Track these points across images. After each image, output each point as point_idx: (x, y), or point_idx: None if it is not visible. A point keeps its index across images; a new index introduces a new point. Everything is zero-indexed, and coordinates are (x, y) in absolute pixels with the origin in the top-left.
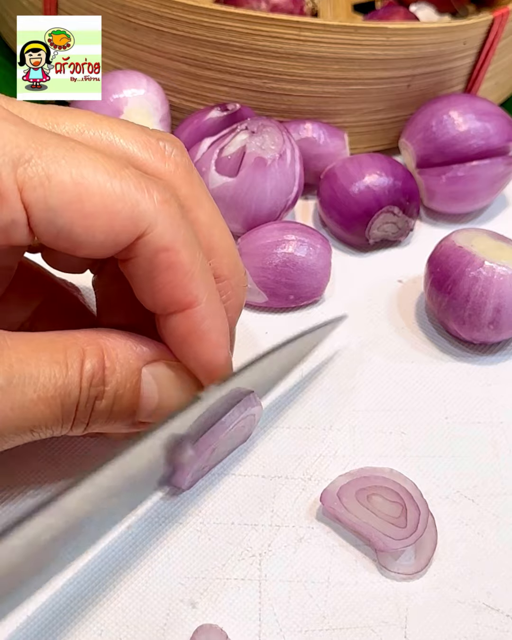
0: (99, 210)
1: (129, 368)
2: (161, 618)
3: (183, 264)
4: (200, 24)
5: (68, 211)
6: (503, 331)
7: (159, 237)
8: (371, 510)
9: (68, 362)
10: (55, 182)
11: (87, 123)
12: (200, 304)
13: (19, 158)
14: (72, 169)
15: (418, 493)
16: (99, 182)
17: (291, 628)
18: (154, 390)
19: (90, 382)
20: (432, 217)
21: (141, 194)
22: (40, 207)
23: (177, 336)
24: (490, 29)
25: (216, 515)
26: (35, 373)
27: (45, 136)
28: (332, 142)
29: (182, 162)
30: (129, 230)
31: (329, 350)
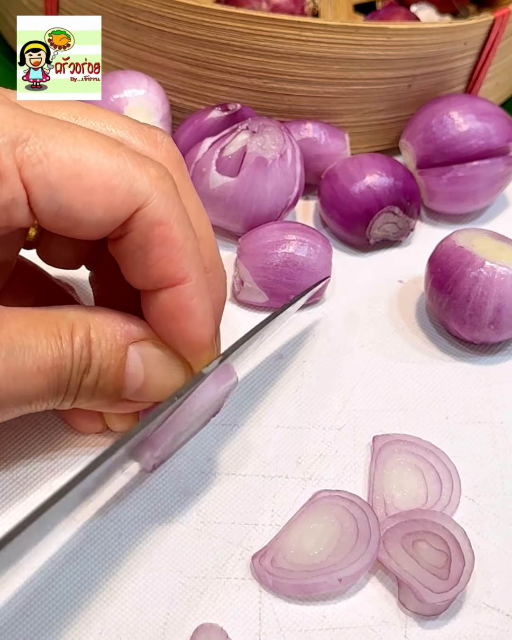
0: (97, 185)
1: (115, 344)
2: (161, 618)
3: (177, 239)
4: (201, 24)
5: (67, 187)
6: (504, 331)
7: (154, 211)
8: (414, 558)
9: (61, 334)
10: (54, 159)
11: (81, 110)
12: (191, 281)
13: (17, 137)
14: (70, 146)
15: (467, 543)
16: (96, 158)
17: (291, 627)
18: (139, 368)
19: (80, 355)
20: (432, 218)
21: (138, 169)
22: (39, 184)
23: (164, 312)
24: (491, 29)
25: (216, 515)
26: (34, 344)
27: (41, 117)
28: (333, 143)
29: (173, 150)
30: (127, 205)
31: (329, 350)
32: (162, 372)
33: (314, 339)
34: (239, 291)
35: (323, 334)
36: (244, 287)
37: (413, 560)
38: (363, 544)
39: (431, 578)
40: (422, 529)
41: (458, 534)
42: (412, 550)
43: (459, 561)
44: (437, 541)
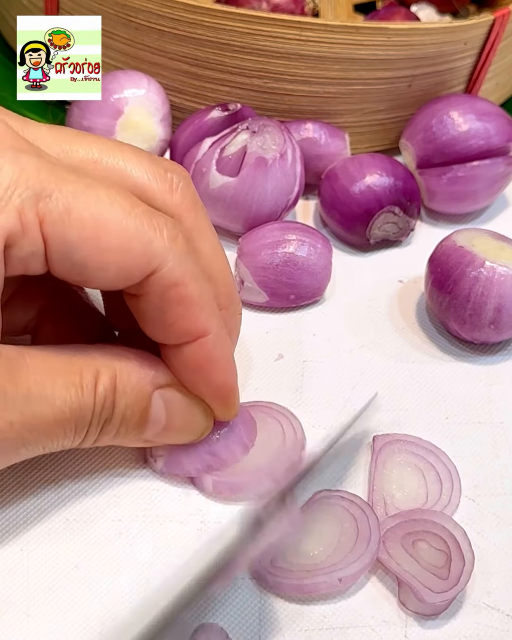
0: (113, 246)
1: (140, 391)
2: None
3: (193, 296)
4: (202, 24)
5: (85, 246)
6: (504, 331)
7: (170, 274)
8: (414, 558)
9: (83, 384)
10: (74, 218)
11: (100, 151)
12: (211, 333)
13: (41, 192)
14: (91, 206)
15: (467, 543)
16: (115, 220)
17: (291, 627)
18: (162, 414)
19: (102, 405)
20: (432, 218)
21: (153, 232)
22: (58, 241)
23: (188, 364)
24: (491, 29)
25: (216, 515)
26: (52, 395)
27: (64, 172)
28: (333, 143)
29: (188, 193)
30: (142, 267)
31: (329, 350)
32: (184, 417)
33: (314, 338)
34: (239, 291)
35: (323, 334)
36: (244, 287)
37: (413, 560)
38: (363, 544)
39: (431, 578)
40: (422, 529)
41: (458, 534)
42: (412, 550)
43: (459, 561)
44: (437, 541)
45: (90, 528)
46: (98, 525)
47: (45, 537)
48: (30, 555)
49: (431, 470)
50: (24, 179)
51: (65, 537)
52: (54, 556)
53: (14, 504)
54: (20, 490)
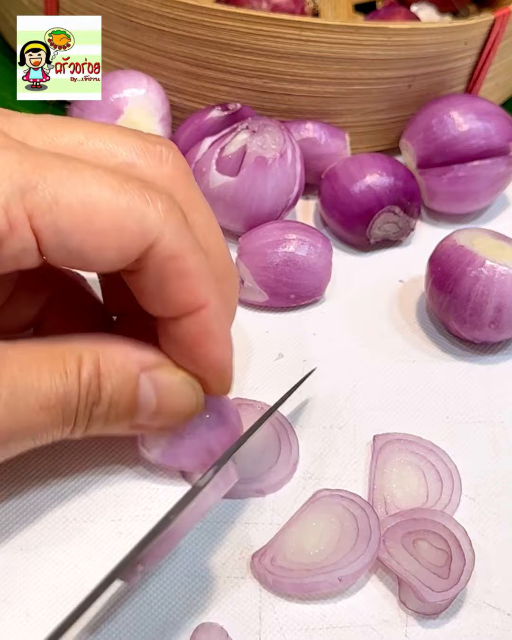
0: (107, 227)
1: (126, 374)
2: (161, 617)
3: (191, 268)
4: (202, 24)
5: (78, 232)
6: (504, 331)
7: (167, 247)
8: (414, 557)
9: (67, 369)
10: (63, 205)
11: (85, 133)
12: (210, 305)
13: (26, 185)
14: (78, 190)
15: (467, 542)
16: (105, 199)
17: (291, 626)
18: (151, 395)
19: (87, 389)
20: (433, 217)
21: (146, 206)
22: (50, 232)
23: (187, 337)
24: (491, 29)
25: (216, 514)
26: (37, 383)
27: (48, 159)
28: (333, 143)
29: (179, 165)
30: (138, 244)
31: (329, 350)
32: (174, 397)
33: (314, 338)
34: (239, 290)
35: (323, 334)
36: (244, 287)
37: (413, 559)
38: (363, 543)
39: (431, 577)
40: (423, 528)
41: (458, 533)
42: (413, 549)
43: (460, 560)
44: (438, 540)
45: (90, 528)
46: (98, 525)
47: (45, 537)
48: (30, 555)
49: (432, 469)
50: (6, 175)
51: (65, 537)
52: (53, 556)
53: (14, 504)
54: (20, 490)
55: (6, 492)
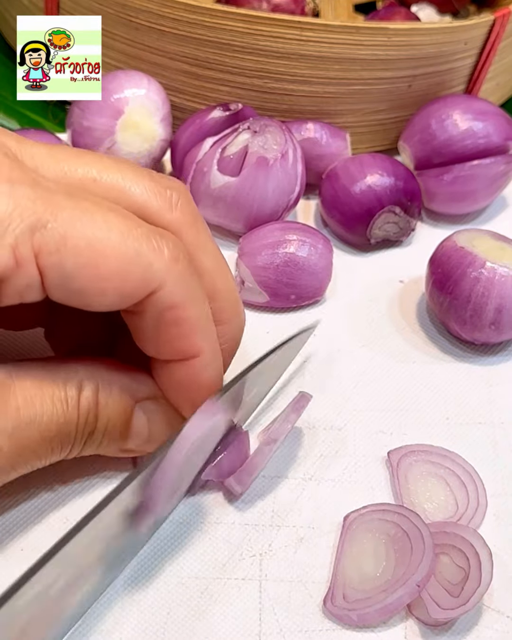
0: (112, 273)
1: (122, 405)
2: (161, 618)
3: (190, 319)
4: (202, 24)
5: (82, 275)
6: (504, 332)
7: (168, 296)
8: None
9: (68, 398)
10: (71, 247)
11: (99, 170)
12: (203, 354)
13: (36, 224)
14: (87, 232)
15: (490, 564)
16: (113, 245)
17: (291, 628)
18: (144, 426)
19: (85, 419)
20: (433, 218)
21: (153, 253)
22: (54, 272)
23: (174, 381)
24: (491, 29)
25: (216, 515)
26: (40, 412)
27: (61, 198)
28: (335, 143)
29: (189, 209)
30: (140, 290)
31: (330, 350)
32: (165, 429)
33: (314, 339)
34: (239, 291)
35: (323, 334)
36: (244, 287)
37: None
38: (419, 543)
39: (441, 592)
40: (450, 543)
41: (484, 555)
42: (434, 561)
43: (475, 582)
44: (461, 557)
45: None
46: None
47: (45, 537)
48: (30, 555)
49: (452, 475)
50: (18, 213)
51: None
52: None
53: (14, 504)
54: (20, 490)
55: (6, 492)
